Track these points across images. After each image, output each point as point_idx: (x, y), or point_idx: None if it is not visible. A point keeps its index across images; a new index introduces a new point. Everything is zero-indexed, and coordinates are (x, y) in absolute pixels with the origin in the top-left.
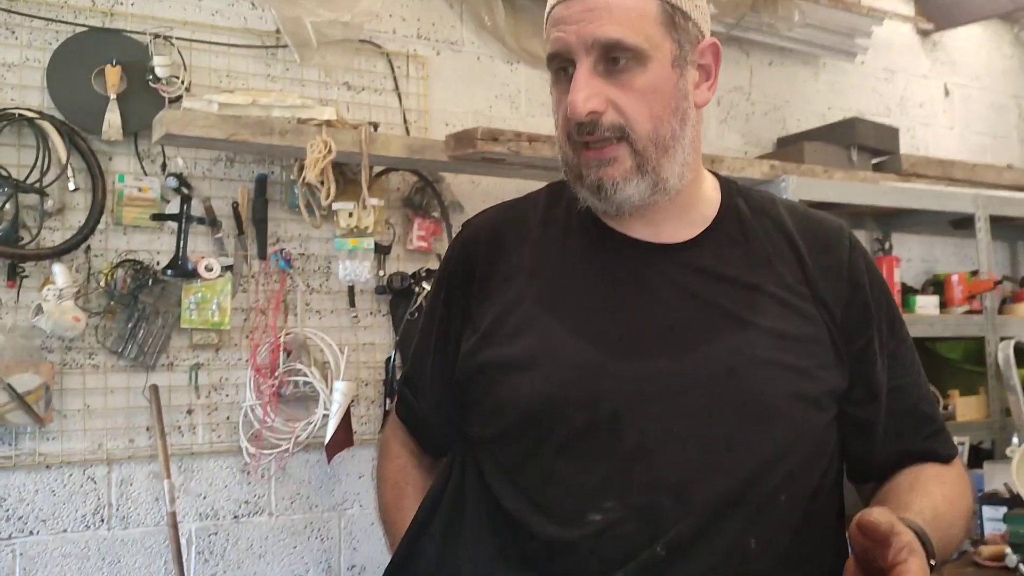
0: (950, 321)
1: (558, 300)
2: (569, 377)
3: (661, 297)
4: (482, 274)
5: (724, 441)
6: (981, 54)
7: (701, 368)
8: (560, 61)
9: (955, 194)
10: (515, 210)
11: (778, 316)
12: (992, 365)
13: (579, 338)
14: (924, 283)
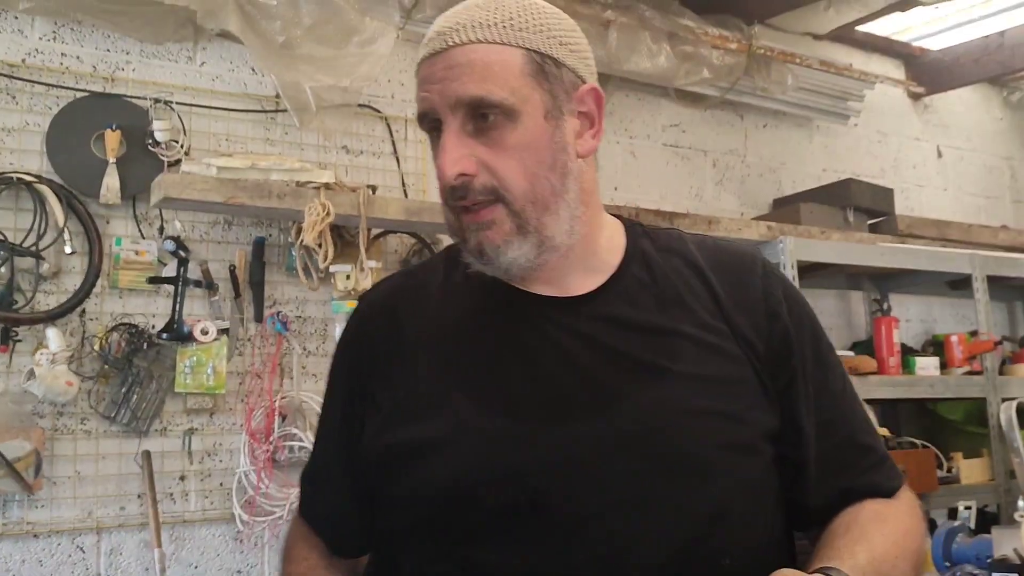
0: (951, 382)
1: (463, 373)
2: (482, 456)
3: (572, 355)
4: (382, 352)
5: (657, 507)
6: (972, 117)
7: (624, 428)
8: (429, 122)
9: (952, 255)
10: (413, 278)
11: (698, 359)
12: (995, 427)
13: (490, 412)
14: (924, 344)
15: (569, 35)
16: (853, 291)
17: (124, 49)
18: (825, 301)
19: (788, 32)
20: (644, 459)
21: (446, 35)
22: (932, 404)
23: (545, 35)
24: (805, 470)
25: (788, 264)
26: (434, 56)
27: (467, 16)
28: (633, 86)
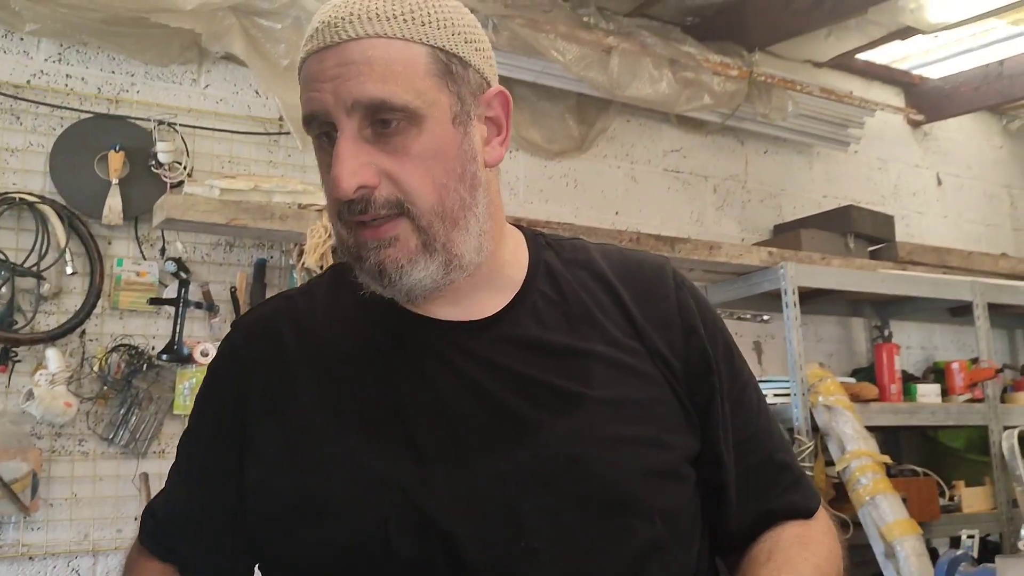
0: (952, 410)
1: (358, 411)
2: (387, 506)
3: (479, 385)
4: (260, 385)
5: (580, 547)
6: (971, 145)
7: (539, 462)
8: (319, 125)
9: (953, 282)
10: (293, 302)
11: (612, 381)
12: (997, 455)
13: (392, 455)
14: (925, 371)
15: (473, 31)
16: (854, 317)
17: (129, 71)
18: (826, 327)
19: (788, 59)
20: (562, 495)
21: (338, 27)
22: (933, 432)
23: (450, 31)
24: (725, 493)
25: (789, 290)
26: (324, 51)
27: (361, 5)
28: (634, 111)
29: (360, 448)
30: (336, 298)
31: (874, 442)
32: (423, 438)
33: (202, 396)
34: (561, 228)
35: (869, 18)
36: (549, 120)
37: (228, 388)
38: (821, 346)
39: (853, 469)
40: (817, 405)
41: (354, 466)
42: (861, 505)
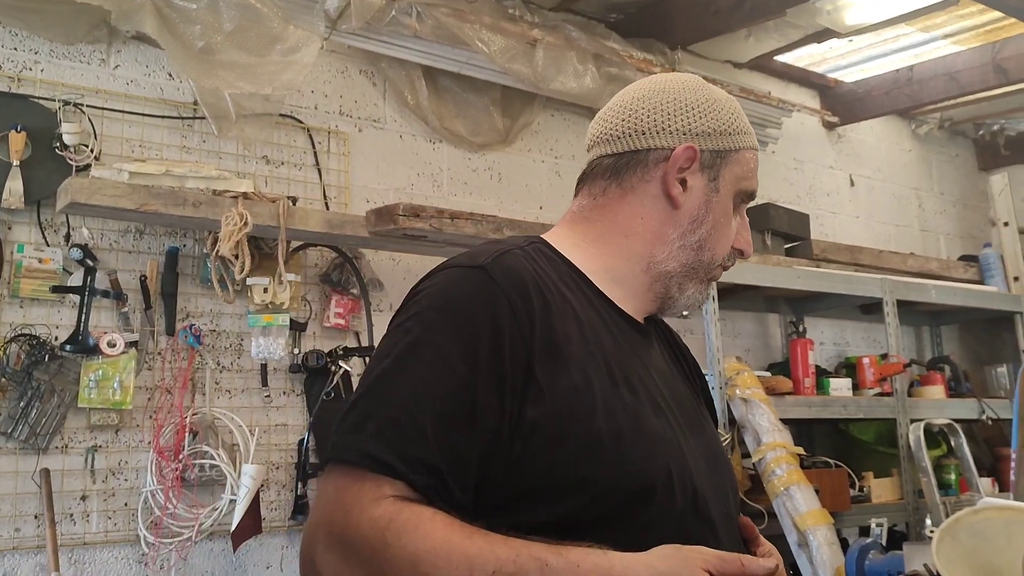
0: (863, 403)
1: (622, 373)
2: (668, 456)
3: (664, 375)
4: (541, 330)
5: (733, 521)
6: (882, 148)
7: (710, 449)
8: (748, 198)
9: (865, 279)
10: (521, 261)
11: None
12: (904, 447)
13: (658, 414)
14: (837, 366)
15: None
16: (770, 313)
17: (33, 48)
18: (744, 323)
19: (710, 59)
20: (725, 479)
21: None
22: (844, 425)
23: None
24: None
25: None
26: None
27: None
28: (559, 106)
29: (635, 404)
30: (556, 271)
31: (788, 434)
32: (666, 407)
33: (465, 337)
34: (485, 221)
35: (788, 20)
36: (474, 112)
37: (508, 329)
38: (739, 341)
39: (768, 460)
40: (734, 398)
41: (637, 418)
42: (776, 495)
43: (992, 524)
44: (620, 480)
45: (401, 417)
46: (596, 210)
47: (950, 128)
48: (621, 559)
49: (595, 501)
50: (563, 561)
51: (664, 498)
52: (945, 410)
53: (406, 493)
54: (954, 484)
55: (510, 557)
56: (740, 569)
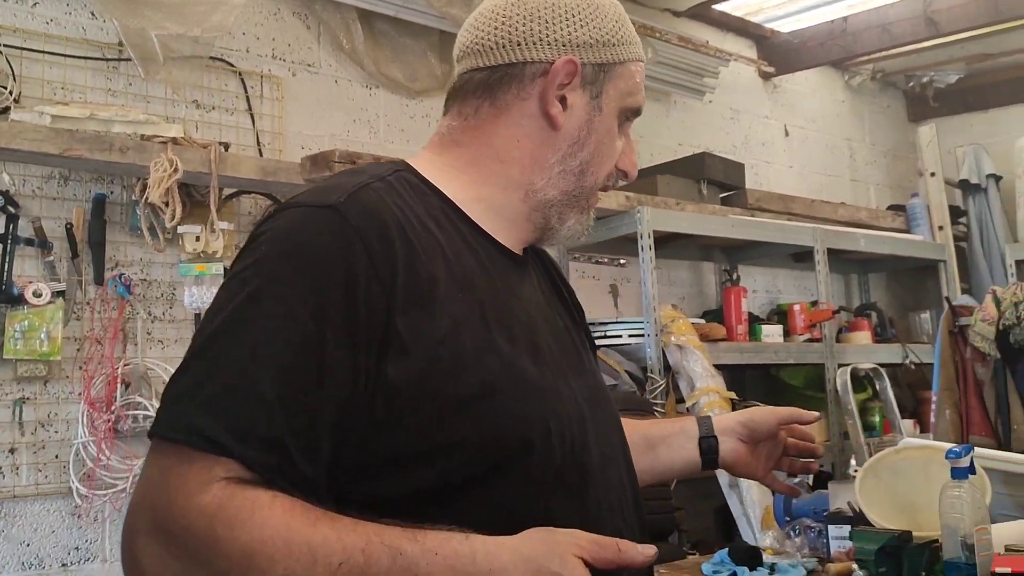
0: (793, 349)
1: (496, 317)
2: (546, 407)
3: (543, 310)
4: (403, 278)
5: (621, 458)
6: (816, 98)
7: (594, 388)
8: (633, 115)
9: (796, 228)
10: (395, 196)
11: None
12: (831, 391)
13: (537, 362)
14: (769, 313)
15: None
16: (705, 262)
17: None
18: (679, 271)
19: (648, 7)
20: (610, 418)
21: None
22: (775, 370)
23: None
24: None
25: (645, 233)
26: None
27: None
28: None
29: (510, 351)
30: (423, 203)
31: (721, 379)
32: (546, 350)
33: (312, 287)
34: None
35: None
36: (411, 57)
37: (364, 279)
38: (674, 289)
39: (702, 405)
40: (669, 345)
41: (513, 369)
42: None
43: (912, 463)
44: (494, 439)
45: (237, 383)
46: (468, 132)
47: (882, 79)
48: (484, 544)
49: (468, 463)
50: (419, 548)
51: (542, 454)
52: (871, 355)
53: (241, 474)
54: (878, 426)
55: (359, 546)
56: (616, 555)
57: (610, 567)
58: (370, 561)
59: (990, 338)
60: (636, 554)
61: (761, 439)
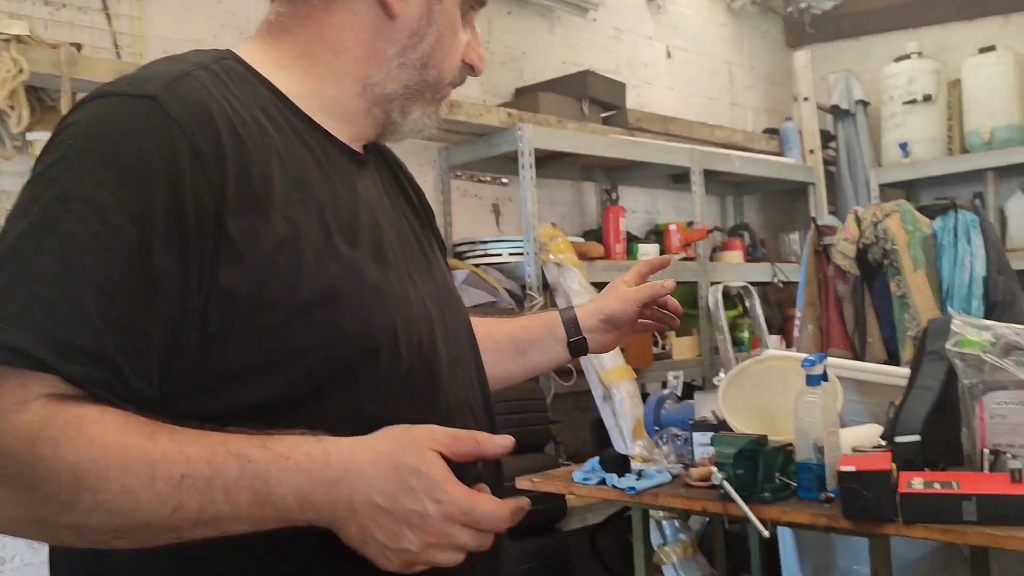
0: (668, 267)
1: (337, 216)
2: (391, 312)
3: (387, 211)
4: (236, 175)
5: (471, 362)
6: (698, 21)
7: (442, 290)
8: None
9: (675, 149)
10: (222, 87)
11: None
12: (704, 308)
13: (380, 265)
14: (647, 232)
15: None
16: (586, 182)
17: None
18: (560, 191)
19: None
20: (459, 323)
21: None
22: None
23: None
24: None
25: (526, 151)
26: None
27: None
28: None
29: (352, 255)
30: (254, 96)
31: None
32: (391, 253)
33: (131, 186)
34: None
35: None
36: None
37: (190, 177)
38: (556, 209)
39: None
40: (548, 263)
41: (356, 272)
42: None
43: (772, 373)
44: (338, 346)
45: (51, 293)
46: (298, 20)
47: (762, 4)
48: (337, 446)
49: (312, 372)
50: (269, 455)
51: (390, 359)
52: (742, 274)
53: (64, 390)
54: (746, 342)
55: (203, 456)
56: (474, 447)
57: (468, 459)
58: (216, 472)
59: (851, 256)
60: (493, 445)
61: (624, 324)
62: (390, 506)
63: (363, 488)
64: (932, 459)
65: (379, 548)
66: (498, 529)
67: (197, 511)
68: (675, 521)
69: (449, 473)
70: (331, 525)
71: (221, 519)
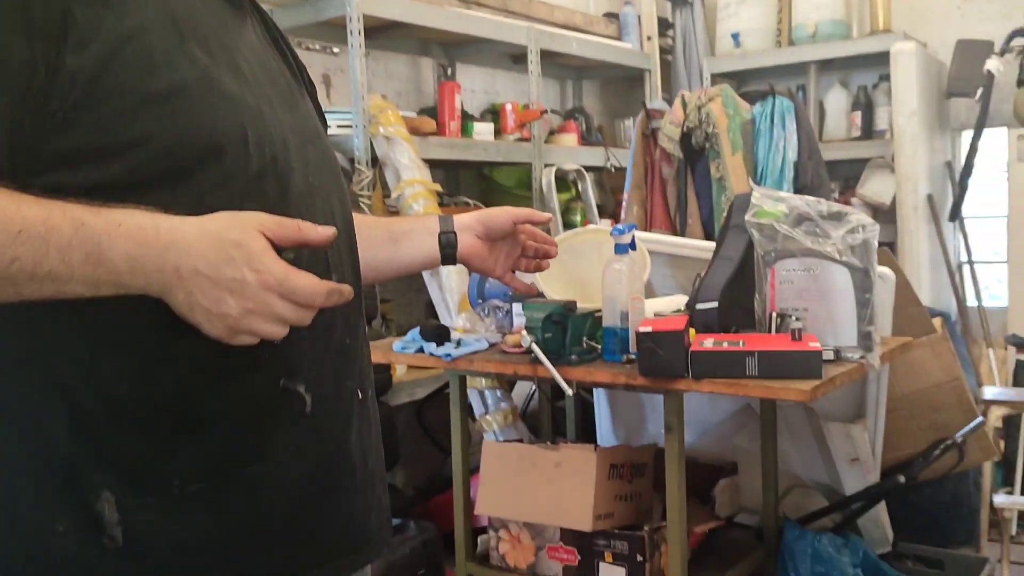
0: (503, 147)
1: (194, 30)
2: (242, 117)
3: (256, 51)
4: None
5: (335, 195)
6: None
7: (308, 129)
8: None
9: (512, 26)
10: None
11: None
12: (537, 190)
13: (235, 77)
14: (482, 111)
15: None
16: (423, 57)
17: None
18: (396, 65)
19: None
20: (322, 158)
21: None
22: (489, 170)
23: None
24: None
25: (355, 17)
26: None
27: None
28: None
29: (207, 62)
30: None
31: (428, 172)
32: (250, 75)
33: None
34: None
35: None
36: None
37: None
38: (392, 84)
39: (407, 196)
40: (377, 136)
41: (207, 76)
42: None
43: (587, 244)
44: (183, 136)
45: None
46: None
47: None
48: (168, 220)
49: (155, 159)
50: (103, 220)
51: (236, 159)
52: (576, 157)
53: None
54: (578, 224)
55: (41, 217)
56: (296, 232)
57: (290, 244)
58: (51, 232)
59: (675, 140)
60: (316, 233)
61: (497, 237)
62: (212, 273)
63: (188, 257)
64: (727, 324)
65: (204, 313)
66: (314, 304)
67: (32, 265)
68: (497, 391)
69: (270, 249)
70: (161, 293)
71: (56, 276)
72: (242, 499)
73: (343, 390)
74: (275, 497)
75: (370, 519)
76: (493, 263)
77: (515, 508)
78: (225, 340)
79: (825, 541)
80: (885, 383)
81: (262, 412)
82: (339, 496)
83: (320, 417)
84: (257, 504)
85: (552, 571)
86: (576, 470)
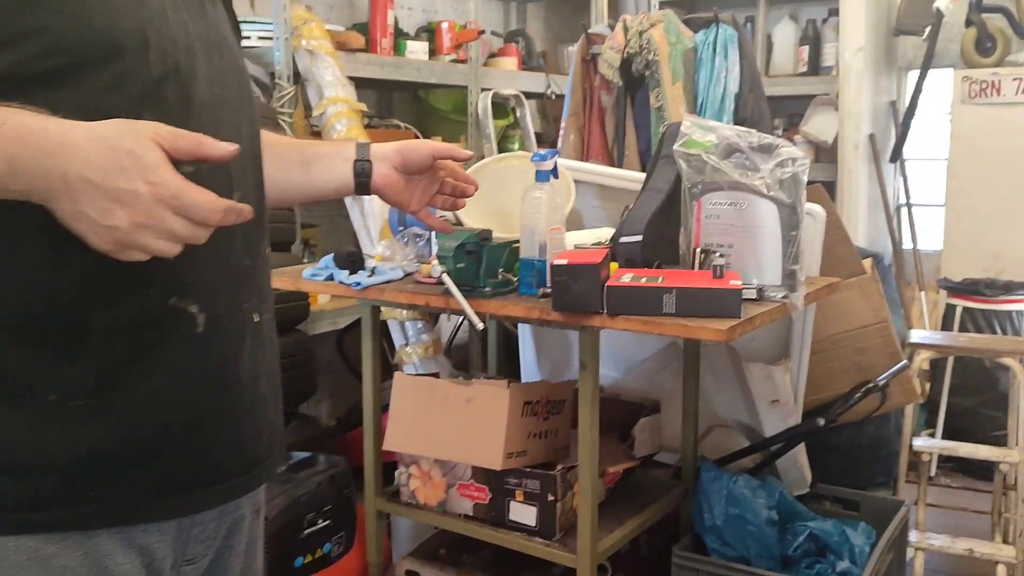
0: (437, 68)
1: None
2: (143, 18)
3: None
4: None
5: (243, 108)
6: None
7: (216, 38)
8: None
9: None
10: None
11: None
12: (473, 115)
13: None
14: (418, 30)
15: None
16: None
17: None
18: None
19: None
20: (230, 68)
21: None
22: (424, 93)
23: None
24: None
25: None
26: None
27: None
28: None
29: None
30: None
31: (352, 90)
32: None
33: None
34: None
35: None
36: None
37: None
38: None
39: (329, 115)
40: (300, 49)
41: None
42: None
43: (512, 171)
44: (79, 32)
45: None
46: None
47: None
48: (57, 122)
49: (47, 53)
50: None
51: (135, 61)
52: (515, 82)
53: None
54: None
55: None
56: (195, 146)
57: (189, 158)
58: None
59: (615, 66)
60: (217, 149)
61: (415, 170)
62: (101, 181)
63: (76, 163)
64: (652, 259)
65: (90, 224)
66: (210, 221)
67: None
68: (418, 323)
69: (166, 160)
70: (46, 199)
71: None
72: (125, 416)
73: (238, 312)
74: (160, 415)
75: (260, 443)
76: (409, 196)
77: (425, 444)
78: (112, 254)
79: (740, 482)
80: (811, 324)
81: (151, 329)
82: (226, 418)
83: (211, 338)
84: (141, 422)
85: (462, 509)
86: (487, 406)
